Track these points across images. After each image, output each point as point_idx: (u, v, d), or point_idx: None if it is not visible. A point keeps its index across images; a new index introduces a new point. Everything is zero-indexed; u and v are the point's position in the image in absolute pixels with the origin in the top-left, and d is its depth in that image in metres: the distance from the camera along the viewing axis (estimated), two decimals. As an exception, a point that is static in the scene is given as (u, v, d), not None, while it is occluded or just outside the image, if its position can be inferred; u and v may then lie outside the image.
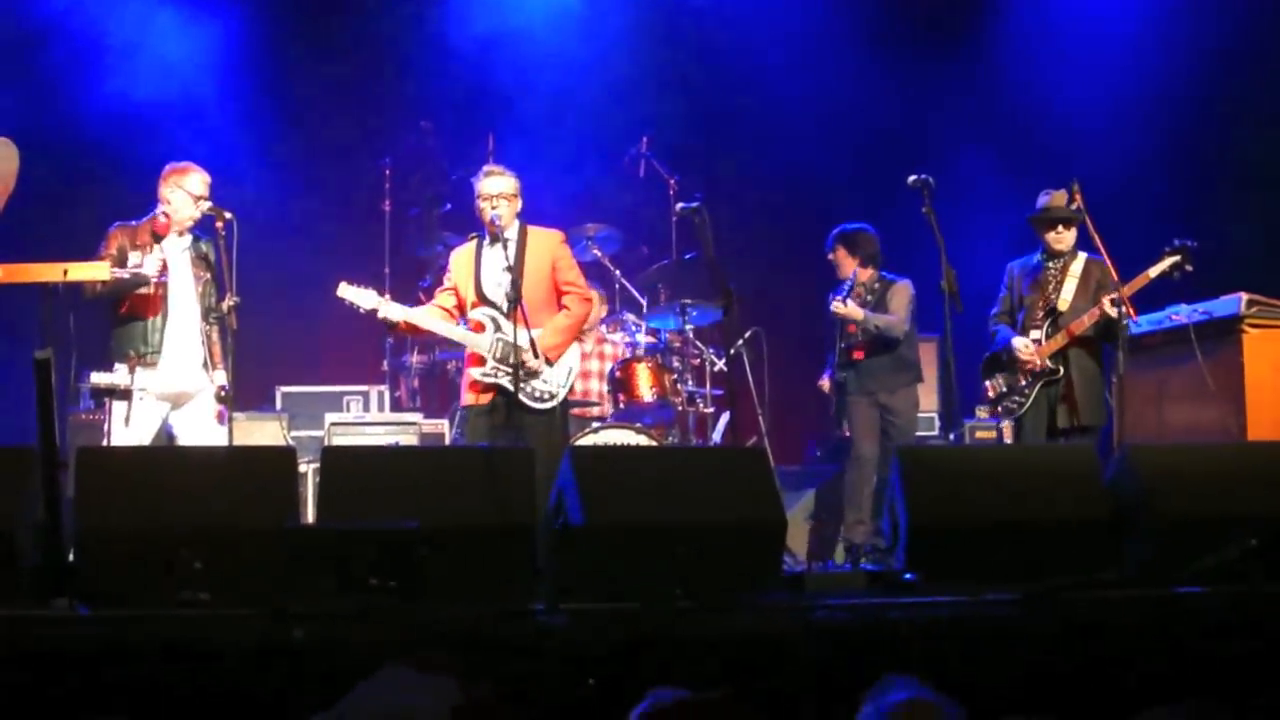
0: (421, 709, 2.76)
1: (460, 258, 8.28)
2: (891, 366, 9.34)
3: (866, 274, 9.47)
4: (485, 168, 8.37)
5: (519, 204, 8.18)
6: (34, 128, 9.08)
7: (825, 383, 9.71)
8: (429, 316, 8.20)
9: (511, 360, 7.75)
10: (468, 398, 8.09)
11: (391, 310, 8.09)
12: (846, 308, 9.26)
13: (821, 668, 5.05)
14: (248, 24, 11.34)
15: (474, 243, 8.28)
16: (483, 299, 8.10)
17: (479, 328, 8.07)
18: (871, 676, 3.65)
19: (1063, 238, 8.69)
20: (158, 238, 8.02)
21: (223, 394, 7.92)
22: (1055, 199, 8.71)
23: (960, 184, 10.95)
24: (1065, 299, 8.65)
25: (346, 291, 8.08)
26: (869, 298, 9.38)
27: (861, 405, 9.33)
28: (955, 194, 10.33)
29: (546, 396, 8.04)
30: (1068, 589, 5.58)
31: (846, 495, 9.38)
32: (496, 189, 8.07)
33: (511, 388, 7.79)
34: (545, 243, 8.26)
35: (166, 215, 8.04)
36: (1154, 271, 8.43)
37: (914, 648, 5.21)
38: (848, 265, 9.49)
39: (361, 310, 8.12)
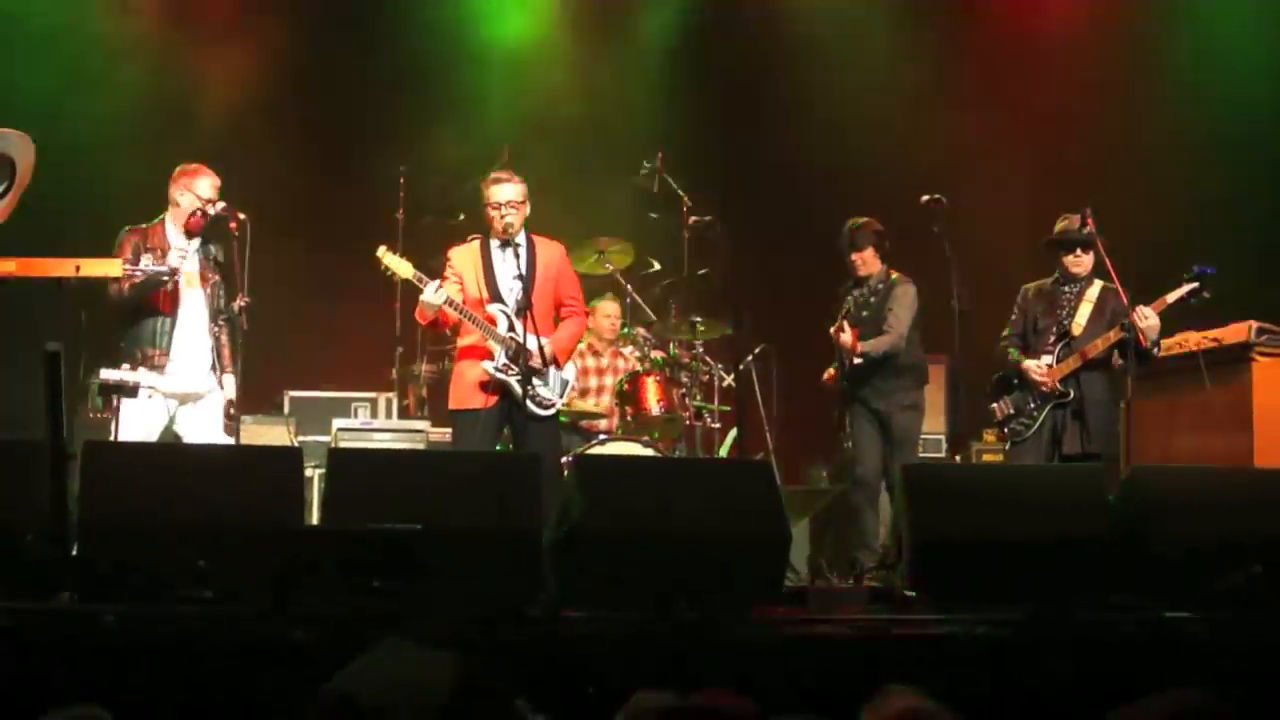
0: (423, 681, 2.77)
1: (465, 256, 8.21)
2: (890, 374, 8.93)
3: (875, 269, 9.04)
4: (494, 174, 8.30)
5: (528, 209, 8.14)
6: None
7: (831, 373, 9.14)
8: (456, 300, 7.95)
9: (521, 362, 7.77)
10: (471, 399, 7.96)
11: (429, 292, 7.78)
12: (845, 339, 8.78)
13: (821, 681, 5.04)
14: (264, 32, 11.36)
15: (477, 243, 8.25)
16: (496, 299, 8.07)
17: (492, 322, 8.02)
18: (871, 691, 3.64)
19: (1080, 261, 8.56)
20: (188, 235, 8.00)
21: (231, 410, 7.92)
22: (1071, 223, 8.59)
23: (983, 205, 10.96)
24: (1079, 323, 8.50)
25: (386, 257, 7.93)
26: (872, 299, 8.94)
27: (862, 419, 8.97)
28: (976, 215, 10.33)
29: (547, 404, 8.06)
30: (1071, 609, 5.58)
31: (851, 518, 9.21)
32: (507, 196, 8.04)
33: (520, 390, 7.83)
34: (553, 254, 8.29)
35: (195, 213, 8.00)
36: (1171, 297, 8.29)
37: (915, 664, 5.21)
38: (875, 265, 9.02)
39: (397, 278, 8.06)
